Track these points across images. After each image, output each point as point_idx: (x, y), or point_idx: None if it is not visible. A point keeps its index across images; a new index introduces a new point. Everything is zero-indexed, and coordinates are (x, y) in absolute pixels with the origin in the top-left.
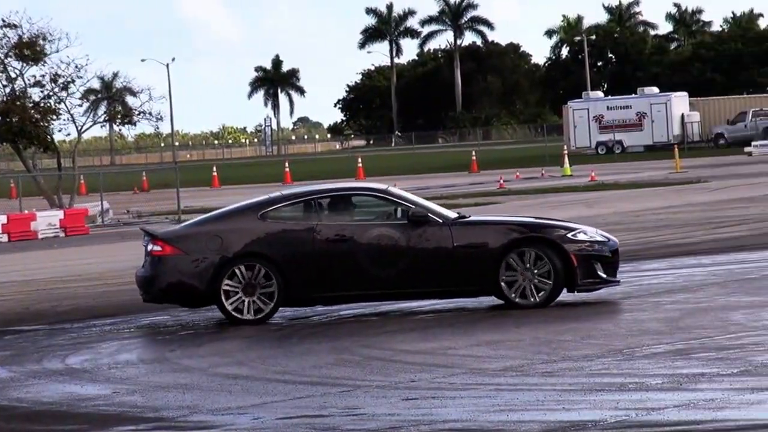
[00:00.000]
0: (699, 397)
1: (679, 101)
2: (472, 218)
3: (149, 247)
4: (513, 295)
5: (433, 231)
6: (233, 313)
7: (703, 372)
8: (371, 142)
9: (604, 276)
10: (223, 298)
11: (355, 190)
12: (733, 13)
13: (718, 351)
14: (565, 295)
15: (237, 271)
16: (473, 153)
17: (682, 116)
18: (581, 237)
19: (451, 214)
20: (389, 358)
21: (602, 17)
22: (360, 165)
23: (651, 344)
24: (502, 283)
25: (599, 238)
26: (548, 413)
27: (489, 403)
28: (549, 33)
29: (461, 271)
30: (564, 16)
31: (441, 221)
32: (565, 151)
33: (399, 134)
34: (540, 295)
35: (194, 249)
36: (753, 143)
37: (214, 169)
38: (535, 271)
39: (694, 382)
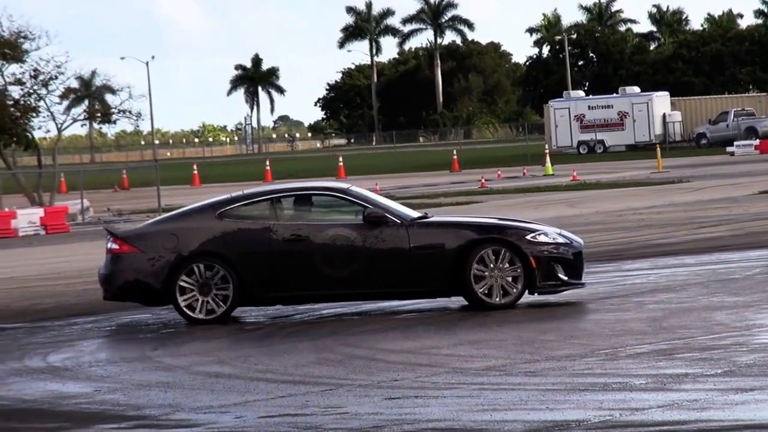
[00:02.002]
0: (683, 397)
1: (661, 101)
2: (432, 219)
3: (108, 246)
4: (483, 295)
5: (390, 232)
6: (186, 311)
7: (687, 372)
8: (352, 140)
9: (566, 278)
10: (178, 296)
11: (313, 190)
12: (708, 14)
13: (701, 351)
14: (544, 295)
15: (193, 269)
16: (454, 152)
17: (664, 116)
18: (541, 239)
19: (414, 214)
20: (371, 357)
21: (582, 16)
22: (341, 164)
23: (634, 344)
24: (472, 283)
25: (561, 240)
26: (532, 413)
27: (472, 403)
28: (530, 31)
29: (418, 272)
30: (545, 14)
31: (399, 222)
32: (547, 151)
33: (290, 137)
34: (502, 295)
35: (150, 248)
36: (735, 143)
37: (195, 167)
38: (497, 271)
39: (678, 382)
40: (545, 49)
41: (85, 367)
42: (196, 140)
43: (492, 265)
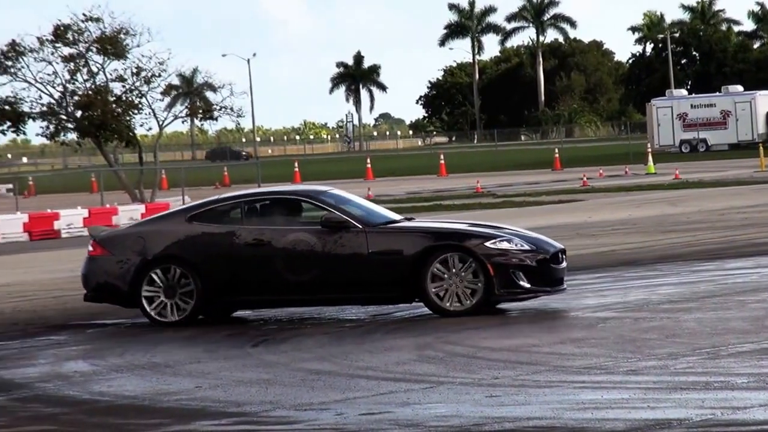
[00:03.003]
0: None
1: (764, 99)
2: (394, 225)
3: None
4: (439, 300)
5: (350, 237)
6: (152, 313)
7: None
8: (453, 138)
9: (528, 286)
10: (143, 298)
11: (282, 195)
12: None
13: None
14: (646, 294)
15: (158, 272)
16: (556, 150)
17: (767, 115)
18: (502, 246)
19: (396, 218)
20: (472, 355)
21: (684, 15)
22: (442, 162)
23: (736, 343)
24: (429, 290)
25: (524, 247)
26: (633, 411)
27: (573, 401)
28: (632, 30)
29: (376, 277)
30: (646, 14)
31: (360, 227)
32: (649, 149)
33: (348, 138)
34: (458, 302)
35: (120, 250)
36: None
37: (296, 164)
38: (454, 278)
39: None
40: (648, 47)
41: (185, 364)
42: (297, 138)
43: (448, 272)
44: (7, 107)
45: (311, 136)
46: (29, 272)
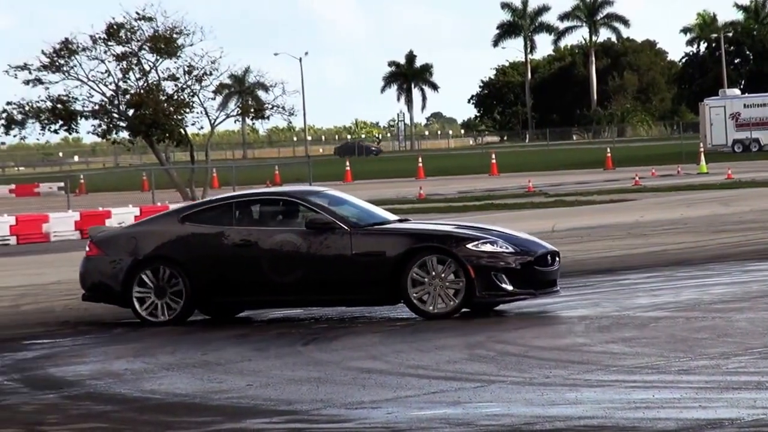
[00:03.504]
0: None
1: None
2: (379, 226)
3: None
4: (420, 303)
5: (334, 238)
6: (142, 312)
7: None
8: (505, 138)
9: (510, 288)
10: (134, 297)
11: (270, 196)
12: None
13: None
14: (698, 293)
15: (148, 272)
16: (608, 150)
17: None
18: (485, 248)
19: (391, 218)
20: (524, 354)
21: (737, 15)
22: (494, 161)
23: None
24: (409, 292)
25: (509, 249)
26: (684, 411)
27: (624, 401)
28: (685, 30)
29: (360, 279)
30: (699, 13)
31: (345, 229)
32: (702, 149)
33: (377, 139)
34: (438, 304)
35: (113, 250)
36: None
37: (347, 163)
38: (435, 280)
39: None
40: (701, 47)
41: (236, 362)
42: (349, 137)
43: (428, 274)
44: (59, 106)
45: (362, 135)
46: None
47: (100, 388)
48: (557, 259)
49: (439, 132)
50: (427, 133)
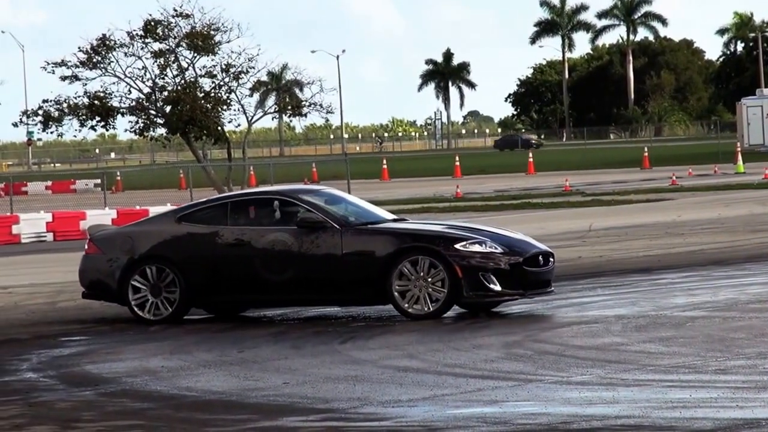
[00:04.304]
0: None
1: None
2: (370, 226)
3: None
4: (405, 304)
5: (325, 238)
6: (137, 310)
7: None
8: (542, 136)
9: (498, 289)
10: (130, 296)
11: (264, 195)
12: None
13: None
14: (735, 293)
15: (145, 271)
16: (645, 149)
17: None
18: (474, 248)
19: (388, 216)
20: (561, 353)
21: None
22: (531, 159)
23: None
24: (395, 292)
25: (498, 250)
26: (721, 411)
27: (661, 400)
28: (721, 32)
29: (350, 278)
30: (736, 12)
31: (337, 228)
32: (739, 149)
33: (379, 138)
34: (426, 305)
35: (110, 249)
36: None
37: (384, 161)
38: (423, 281)
39: None
40: (739, 46)
41: (273, 360)
42: (386, 135)
43: (415, 274)
44: (96, 102)
45: (399, 134)
46: None
47: (137, 385)
48: (551, 260)
49: (476, 130)
50: (464, 131)
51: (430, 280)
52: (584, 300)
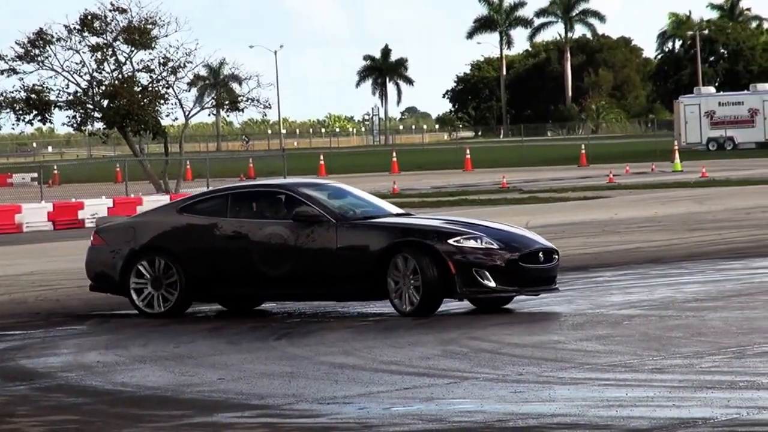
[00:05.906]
0: None
1: None
2: (366, 220)
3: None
4: (396, 300)
5: (320, 232)
6: (139, 303)
7: None
8: (479, 133)
9: (493, 285)
10: (131, 287)
11: (264, 188)
12: None
13: None
14: (672, 292)
15: (144, 263)
16: (583, 146)
17: None
18: (468, 244)
19: (394, 210)
20: (497, 351)
21: (710, 14)
22: (468, 156)
23: (762, 342)
24: (388, 287)
25: (493, 246)
26: (658, 410)
27: (597, 399)
28: (661, 35)
29: (344, 273)
30: (671, 13)
31: (332, 222)
32: (676, 147)
33: (246, 138)
34: (418, 300)
35: (113, 241)
36: None
37: (321, 157)
38: (411, 277)
39: None
40: (677, 45)
41: (208, 355)
42: (323, 130)
43: (407, 269)
44: (33, 96)
45: (337, 129)
46: (53, 261)
47: (72, 380)
48: (555, 257)
49: (413, 127)
50: (401, 127)
51: (422, 275)
52: (521, 297)
